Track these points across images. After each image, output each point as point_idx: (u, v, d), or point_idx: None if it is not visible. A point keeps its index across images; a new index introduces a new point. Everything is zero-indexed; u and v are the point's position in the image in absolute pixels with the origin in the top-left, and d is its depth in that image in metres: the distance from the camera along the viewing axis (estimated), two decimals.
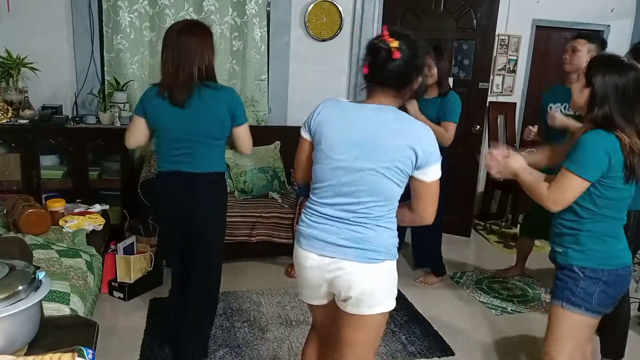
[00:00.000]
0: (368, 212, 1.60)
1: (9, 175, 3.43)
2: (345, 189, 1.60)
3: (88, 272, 2.35)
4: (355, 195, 1.59)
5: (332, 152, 1.61)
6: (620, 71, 1.71)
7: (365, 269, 1.60)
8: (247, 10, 3.90)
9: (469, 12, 4.12)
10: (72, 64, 3.75)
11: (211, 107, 2.17)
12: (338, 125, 1.61)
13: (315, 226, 1.66)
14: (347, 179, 1.59)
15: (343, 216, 1.62)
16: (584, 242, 1.79)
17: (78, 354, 1.39)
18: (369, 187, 1.58)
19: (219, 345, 2.61)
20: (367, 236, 1.60)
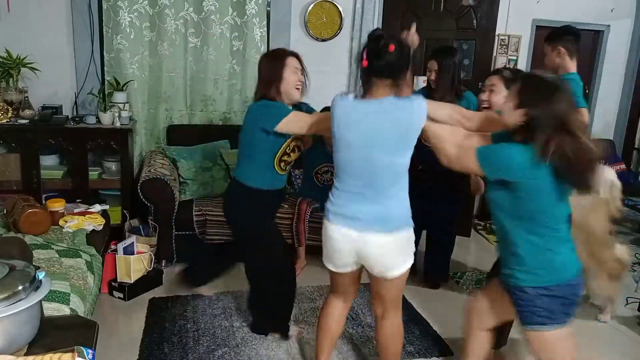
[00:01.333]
0: (384, 191, 1.89)
1: (9, 175, 3.43)
2: (361, 176, 1.90)
3: (88, 272, 2.35)
4: (370, 180, 1.89)
5: (343, 144, 1.92)
6: (550, 97, 1.68)
7: (386, 239, 1.90)
8: (247, 10, 3.90)
9: (469, 12, 4.12)
10: (72, 64, 3.75)
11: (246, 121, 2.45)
12: (345, 121, 1.90)
13: (340, 204, 1.96)
14: (362, 167, 1.89)
15: (362, 196, 1.90)
16: (527, 262, 1.78)
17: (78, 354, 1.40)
18: (383, 170, 1.87)
19: (218, 345, 2.61)
20: (385, 211, 1.90)
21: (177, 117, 4.00)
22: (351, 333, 2.80)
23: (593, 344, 2.88)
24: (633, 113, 5.17)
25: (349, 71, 4.21)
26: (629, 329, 3.00)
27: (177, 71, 3.91)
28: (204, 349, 2.57)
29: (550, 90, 1.69)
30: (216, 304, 3.03)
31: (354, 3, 4.21)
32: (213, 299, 3.09)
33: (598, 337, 2.95)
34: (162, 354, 2.51)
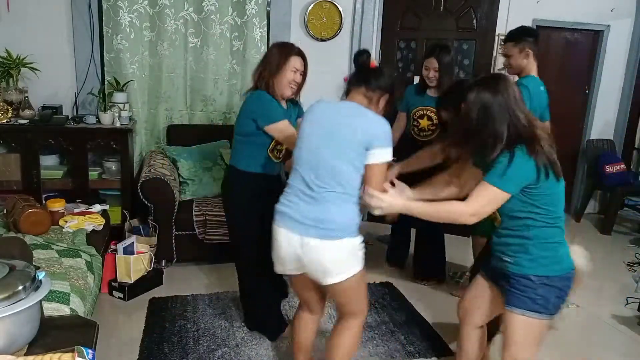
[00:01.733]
0: (329, 194, 1.83)
1: (9, 175, 3.43)
2: (310, 173, 1.86)
3: (88, 272, 2.35)
4: (318, 179, 1.84)
5: (302, 141, 1.92)
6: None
7: (326, 245, 1.82)
8: (247, 10, 3.90)
9: (469, 12, 4.12)
10: (72, 64, 3.75)
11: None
12: (309, 120, 1.94)
13: (286, 204, 1.92)
14: (312, 165, 1.86)
15: (308, 198, 1.85)
16: (533, 250, 1.82)
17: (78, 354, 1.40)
18: (329, 171, 1.83)
19: (218, 345, 2.62)
20: (328, 216, 1.82)
21: (177, 117, 4.00)
22: None
23: (593, 344, 2.88)
24: (633, 113, 5.16)
25: (349, 71, 4.20)
26: (629, 329, 3.00)
27: (177, 71, 3.91)
28: (204, 349, 2.57)
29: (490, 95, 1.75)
30: (216, 304, 3.03)
31: (354, 3, 4.21)
32: (213, 299, 3.09)
33: (598, 337, 2.95)
34: (162, 354, 2.51)
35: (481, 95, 1.75)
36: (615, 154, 5.02)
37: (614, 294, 3.50)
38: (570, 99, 5.04)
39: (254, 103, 2.40)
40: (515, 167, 1.71)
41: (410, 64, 4.36)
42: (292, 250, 1.89)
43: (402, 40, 4.37)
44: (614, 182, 4.77)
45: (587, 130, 5.12)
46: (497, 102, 1.74)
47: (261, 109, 2.38)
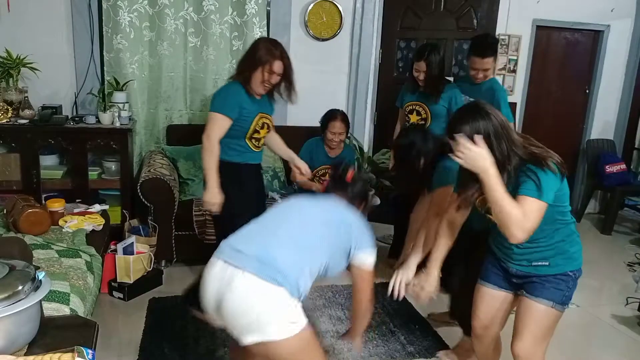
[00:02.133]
0: (289, 242, 1.69)
1: (9, 175, 3.43)
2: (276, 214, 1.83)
3: (88, 272, 2.35)
4: (280, 220, 1.78)
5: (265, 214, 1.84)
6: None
7: (260, 284, 1.54)
8: (247, 10, 3.90)
9: (469, 12, 4.12)
10: (72, 64, 3.75)
11: None
12: (285, 204, 1.90)
13: (232, 242, 1.73)
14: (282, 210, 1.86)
15: (262, 231, 1.75)
16: (565, 248, 1.86)
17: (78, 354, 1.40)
18: (291, 223, 1.76)
19: (217, 345, 2.61)
20: (280, 259, 1.59)
21: (176, 117, 3.99)
22: None
23: (593, 344, 2.88)
24: (633, 113, 5.17)
25: (349, 71, 4.21)
26: (629, 329, 3.00)
27: (177, 71, 3.90)
28: (203, 349, 2.57)
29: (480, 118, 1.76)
30: None
31: (354, 3, 4.21)
32: None
33: (598, 337, 2.95)
34: (162, 354, 2.51)
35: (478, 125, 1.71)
36: (615, 154, 5.02)
37: (614, 294, 3.50)
38: (571, 99, 5.04)
39: (220, 90, 2.58)
40: (546, 176, 1.70)
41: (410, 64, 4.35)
42: (217, 285, 1.59)
43: (402, 40, 4.36)
44: (614, 182, 4.77)
45: (587, 130, 5.12)
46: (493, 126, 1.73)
47: (216, 94, 2.55)
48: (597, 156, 4.92)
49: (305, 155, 3.53)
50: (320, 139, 3.62)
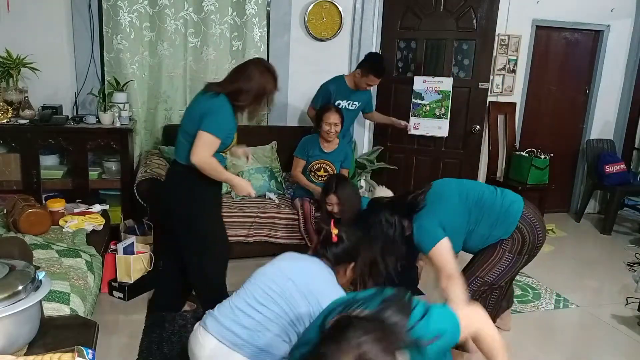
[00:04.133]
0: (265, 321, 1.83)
1: (9, 175, 3.43)
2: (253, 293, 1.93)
3: (88, 272, 2.35)
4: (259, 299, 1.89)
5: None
6: None
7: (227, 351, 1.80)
8: (247, 10, 3.91)
9: (469, 12, 4.12)
10: (72, 64, 3.75)
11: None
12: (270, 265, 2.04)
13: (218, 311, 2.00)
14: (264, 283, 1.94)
15: (242, 307, 1.90)
16: None
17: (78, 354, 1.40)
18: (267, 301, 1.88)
19: None
20: (238, 333, 1.84)
21: (176, 117, 3.99)
22: None
23: (593, 344, 2.88)
24: (633, 113, 5.17)
25: (349, 71, 4.21)
26: (629, 329, 3.00)
27: (177, 71, 3.91)
28: None
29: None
30: None
31: (354, 3, 4.21)
32: None
33: (598, 337, 2.95)
34: (162, 354, 2.50)
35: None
36: (615, 154, 5.02)
37: (614, 294, 3.50)
38: (570, 99, 5.04)
39: (211, 108, 2.37)
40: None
41: (410, 64, 4.36)
42: (202, 354, 1.86)
43: (402, 40, 4.36)
44: (614, 182, 4.77)
45: (587, 130, 5.12)
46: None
47: (214, 116, 2.36)
48: (597, 156, 4.92)
49: (302, 152, 3.59)
50: (316, 135, 3.61)
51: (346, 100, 3.76)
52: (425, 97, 4.21)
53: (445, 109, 4.17)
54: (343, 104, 3.76)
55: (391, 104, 4.38)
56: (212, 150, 2.40)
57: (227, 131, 2.43)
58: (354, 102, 3.79)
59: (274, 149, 3.98)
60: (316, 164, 3.58)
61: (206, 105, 2.39)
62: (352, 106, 3.79)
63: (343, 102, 3.76)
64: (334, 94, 3.75)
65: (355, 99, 3.79)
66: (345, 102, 3.76)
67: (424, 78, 4.21)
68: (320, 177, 3.58)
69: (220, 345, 1.83)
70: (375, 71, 3.59)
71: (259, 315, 1.83)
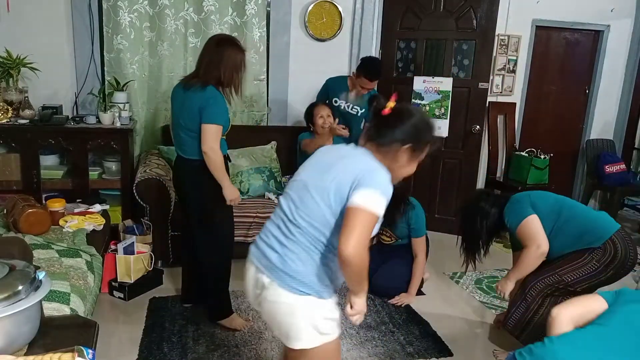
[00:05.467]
0: (301, 234, 1.56)
1: (9, 175, 3.43)
2: (291, 202, 1.61)
3: (88, 272, 2.35)
4: (296, 210, 1.58)
5: (297, 174, 1.70)
6: None
7: (284, 296, 1.55)
8: (247, 10, 3.91)
9: (469, 12, 4.12)
10: (72, 64, 3.75)
11: None
12: (310, 160, 1.71)
13: (257, 242, 1.69)
14: (296, 193, 1.61)
15: (280, 232, 1.60)
16: None
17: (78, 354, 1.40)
18: (309, 206, 1.56)
19: (217, 345, 2.62)
20: (292, 262, 1.55)
21: None
22: (351, 333, 2.80)
23: None
24: (633, 113, 5.16)
25: (349, 71, 4.21)
26: None
27: (177, 71, 3.90)
28: (203, 349, 2.57)
29: None
30: None
31: (354, 3, 4.21)
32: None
33: None
34: (162, 354, 2.51)
35: None
36: (615, 154, 5.02)
37: None
38: (570, 99, 5.04)
39: (208, 100, 2.45)
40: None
41: (410, 64, 4.36)
42: (252, 290, 1.68)
43: (402, 41, 4.36)
44: (614, 182, 4.77)
45: (587, 130, 5.12)
46: None
47: (214, 107, 2.46)
48: (597, 156, 4.92)
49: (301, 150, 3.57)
50: (310, 133, 3.60)
51: (345, 101, 3.73)
52: (425, 97, 4.21)
53: (445, 109, 4.17)
54: (342, 105, 3.74)
55: None
56: (219, 139, 2.49)
57: (225, 116, 2.53)
58: (355, 107, 3.72)
59: (274, 149, 3.98)
60: None
61: (202, 99, 2.46)
62: (353, 110, 3.72)
63: (341, 102, 3.74)
64: (331, 89, 3.76)
65: (357, 104, 3.70)
66: (344, 104, 3.73)
67: (424, 78, 4.21)
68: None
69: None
70: (366, 73, 3.50)
71: None
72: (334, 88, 3.75)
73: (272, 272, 1.57)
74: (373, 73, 3.50)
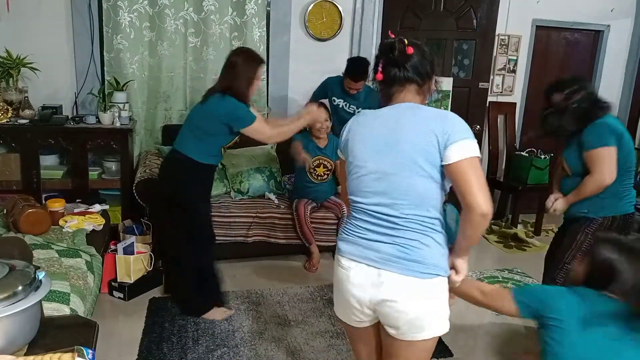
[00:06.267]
0: (408, 220, 1.48)
1: (9, 175, 3.43)
2: (378, 197, 1.51)
3: (88, 272, 2.35)
4: (390, 201, 1.49)
5: (358, 162, 1.55)
6: None
7: (412, 284, 1.47)
8: (247, 10, 3.90)
9: (469, 12, 4.12)
10: (72, 64, 3.75)
11: None
12: (360, 136, 1.58)
13: (352, 231, 1.57)
14: (378, 185, 1.51)
15: (383, 228, 1.50)
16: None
17: (78, 354, 1.40)
18: (400, 189, 1.48)
19: (217, 345, 2.62)
20: (413, 248, 1.47)
21: (176, 117, 3.99)
22: None
23: None
24: (633, 113, 5.16)
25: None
26: None
27: (177, 71, 3.91)
28: (203, 349, 2.57)
29: None
30: None
31: (354, 3, 4.21)
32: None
33: None
34: (162, 354, 2.51)
35: None
36: None
37: None
38: None
39: (226, 107, 2.58)
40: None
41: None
42: (365, 292, 1.52)
43: None
44: None
45: None
46: None
47: (237, 113, 2.60)
48: None
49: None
50: (306, 133, 3.60)
51: (343, 100, 3.74)
52: None
53: (444, 109, 4.17)
54: (340, 103, 3.75)
55: None
56: (265, 128, 2.67)
57: (246, 111, 2.64)
58: (351, 105, 3.74)
59: (274, 149, 3.98)
60: (315, 161, 3.57)
61: (222, 108, 2.59)
62: (350, 109, 3.74)
63: (339, 100, 3.75)
64: (330, 88, 3.78)
65: (354, 103, 3.72)
66: (342, 102, 3.75)
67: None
68: (319, 175, 3.58)
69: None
70: (348, 74, 3.54)
71: None
72: (332, 88, 3.76)
73: (396, 264, 1.47)
74: (356, 74, 3.52)
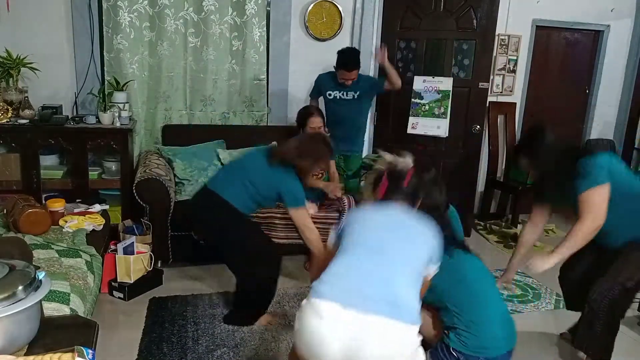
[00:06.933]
0: (395, 267, 1.64)
1: (9, 175, 3.43)
2: (369, 242, 1.71)
3: (88, 272, 2.35)
4: (380, 246, 1.69)
5: (354, 246, 1.71)
6: None
7: (395, 327, 1.48)
8: (247, 10, 3.91)
9: (469, 12, 4.12)
10: (72, 64, 3.75)
11: None
12: (359, 226, 1.79)
13: (334, 272, 1.62)
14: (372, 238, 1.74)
15: (368, 266, 1.63)
16: None
17: (78, 354, 1.40)
18: (391, 250, 1.70)
19: (217, 345, 2.61)
20: (394, 294, 1.55)
21: (176, 117, 4.00)
22: None
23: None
24: (633, 113, 5.16)
25: None
26: (629, 329, 3.00)
27: (177, 71, 3.91)
28: (203, 349, 2.57)
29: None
30: (216, 304, 3.03)
31: (354, 3, 4.21)
32: (213, 299, 3.09)
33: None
34: (162, 354, 2.51)
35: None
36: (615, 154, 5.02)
37: None
38: (570, 99, 5.04)
39: (289, 183, 2.70)
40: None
41: (410, 64, 4.36)
42: (340, 335, 1.47)
43: (402, 40, 4.36)
44: None
45: (587, 130, 5.12)
46: None
47: (294, 192, 2.71)
48: None
49: None
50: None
51: (338, 91, 3.75)
52: (424, 97, 4.21)
53: (444, 109, 4.16)
54: (337, 95, 3.76)
55: (391, 103, 4.38)
56: (307, 218, 2.77)
57: (302, 193, 2.75)
58: (349, 92, 3.74)
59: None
60: None
61: (286, 185, 2.70)
62: (348, 95, 3.73)
63: (334, 92, 3.76)
64: (323, 84, 3.81)
65: (351, 90, 3.73)
66: (338, 93, 3.75)
67: (424, 78, 4.20)
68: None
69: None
70: (341, 65, 3.59)
71: None
72: (325, 83, 3.80)
73: (380, 307, 1.49)
74: (347, 63, 3.56)
